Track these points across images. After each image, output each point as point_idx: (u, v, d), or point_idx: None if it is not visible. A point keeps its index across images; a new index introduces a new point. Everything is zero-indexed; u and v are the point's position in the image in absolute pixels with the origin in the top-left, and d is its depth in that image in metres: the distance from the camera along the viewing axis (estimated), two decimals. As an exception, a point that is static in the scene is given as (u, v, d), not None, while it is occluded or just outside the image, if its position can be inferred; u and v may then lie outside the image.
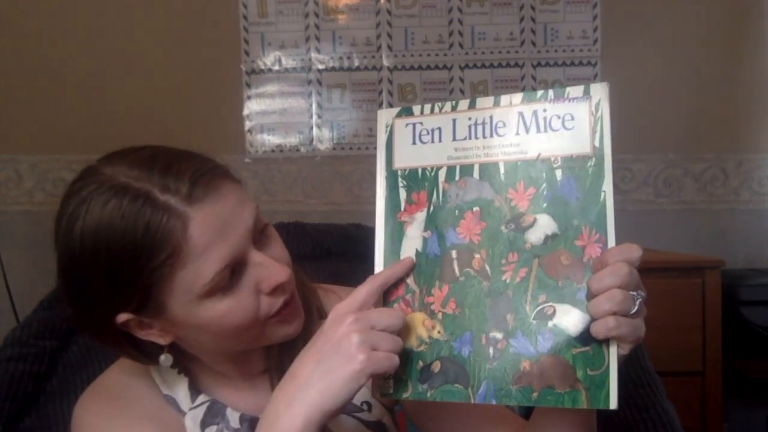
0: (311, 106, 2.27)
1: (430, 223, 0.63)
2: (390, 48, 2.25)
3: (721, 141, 2.24)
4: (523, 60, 2.24)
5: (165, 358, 0.72)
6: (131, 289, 0.63)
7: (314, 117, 2.28)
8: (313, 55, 2.26)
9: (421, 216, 0.63)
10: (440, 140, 0.63)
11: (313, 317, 0.79)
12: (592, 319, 0.54)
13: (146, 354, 0.72)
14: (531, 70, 2.24)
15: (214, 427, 0.75)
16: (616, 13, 2.22)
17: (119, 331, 0.68)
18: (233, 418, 0.76)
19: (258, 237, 0.68)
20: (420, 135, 0.64)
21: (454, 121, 0.63)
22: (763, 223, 2.25)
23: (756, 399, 2.13)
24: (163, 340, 0.69)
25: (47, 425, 0.98)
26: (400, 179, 0.65)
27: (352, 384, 0.56)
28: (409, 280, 0.63)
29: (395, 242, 0.64)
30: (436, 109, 0.64)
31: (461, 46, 2.25)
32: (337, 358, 0.56)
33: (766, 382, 2.01)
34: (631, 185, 2.25)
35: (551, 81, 2.24)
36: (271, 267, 0.66)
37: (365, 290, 0.61)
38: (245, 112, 2.28)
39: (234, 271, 0.65)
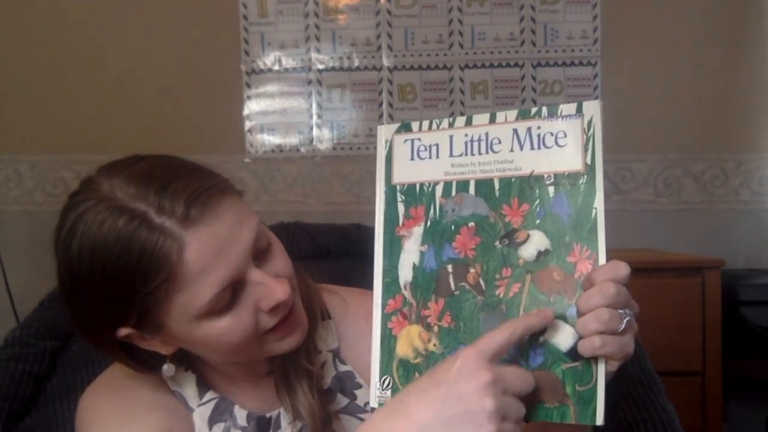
0: (311, 106, 2.27)
1: (427, 237, 0.64)
2: (390, 48, 2.25)
3: (721, 141, 2.24)
4: (523, 60, 2.24)
5: (168, 368, 0.72)
6: (127, 308, 0.63)
7: (314, 117, 2.28)
8: (313, 55, 2.26)
9: (418, 231, 0.64)
10: (437, 156, 0.64)
11: (316, 319, 0.79)
12: (581, 337, 0.55)
13: (146, 364, 0.72)
14: (531, 70, 2.24)
15: (221, 425, 0.75)
16: (616, 13, 2.22)
17: (117, 342, 0.68)
18: (240, 416, 0.76)
19: (258, 253, 0.67)
20: (418, 151, 0.65)
21: (450, 137, 0.64)
22: (763, 223, 2.25)
23: (756, 399, 2.13)
24: (165, 350, 0.69)
25: (47, 425, 0.97)
26: (398, 194, 0.66)
27: None
28: (407, 293, 0.64)
29: (393, 256, 0.65)
30: (434, 126, 0.65)
31: (461, 46, 2.25)
32: (464, 420, 0.52)
33: (766, 382, 2.00)
34: (631, 185, 2.25)
35: (551, 81, 2.24)
36: (271, 286, 0.66)
37: (503, 340, 0.55)
38: (245, 112, 2.28)
39: (233, 290, 0.64)
